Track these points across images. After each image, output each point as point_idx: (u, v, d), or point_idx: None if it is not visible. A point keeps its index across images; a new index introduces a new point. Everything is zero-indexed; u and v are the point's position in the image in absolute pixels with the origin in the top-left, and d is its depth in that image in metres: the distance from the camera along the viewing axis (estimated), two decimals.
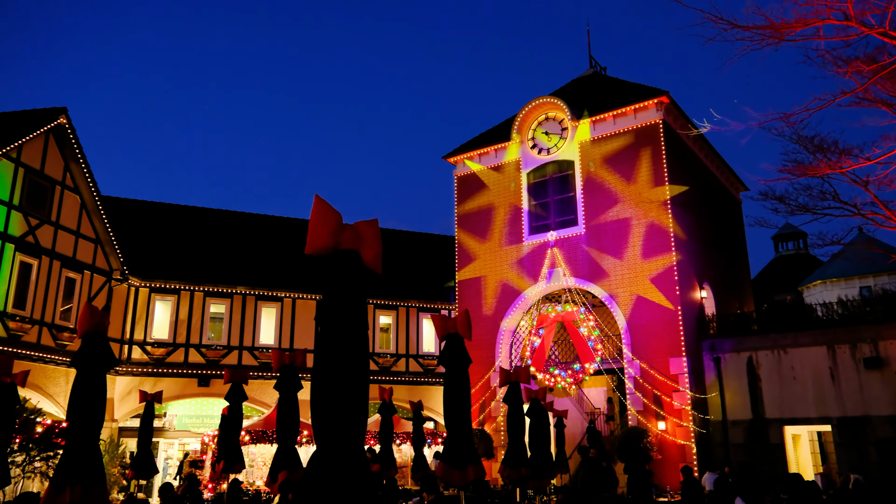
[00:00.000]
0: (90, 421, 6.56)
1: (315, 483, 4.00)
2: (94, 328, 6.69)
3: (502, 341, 23.06)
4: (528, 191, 23.66)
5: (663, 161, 20.90)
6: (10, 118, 20.76)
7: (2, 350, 17.30)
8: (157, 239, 25.04)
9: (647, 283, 20.40)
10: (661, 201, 20.65)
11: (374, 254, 4.52)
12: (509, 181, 24.02)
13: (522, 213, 23.47)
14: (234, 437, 12.57)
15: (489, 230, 24.03)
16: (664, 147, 21.01)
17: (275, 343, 24.52)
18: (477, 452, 7.83)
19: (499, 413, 22.46)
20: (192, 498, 13.57)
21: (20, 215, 18.90)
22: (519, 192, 23.71)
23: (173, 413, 23.53)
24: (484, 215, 24.29)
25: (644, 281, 20.48)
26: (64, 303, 20.48)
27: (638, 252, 20.77)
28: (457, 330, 7.98)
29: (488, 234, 24.02)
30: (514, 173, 23.96)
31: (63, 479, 6.15)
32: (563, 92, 25.06)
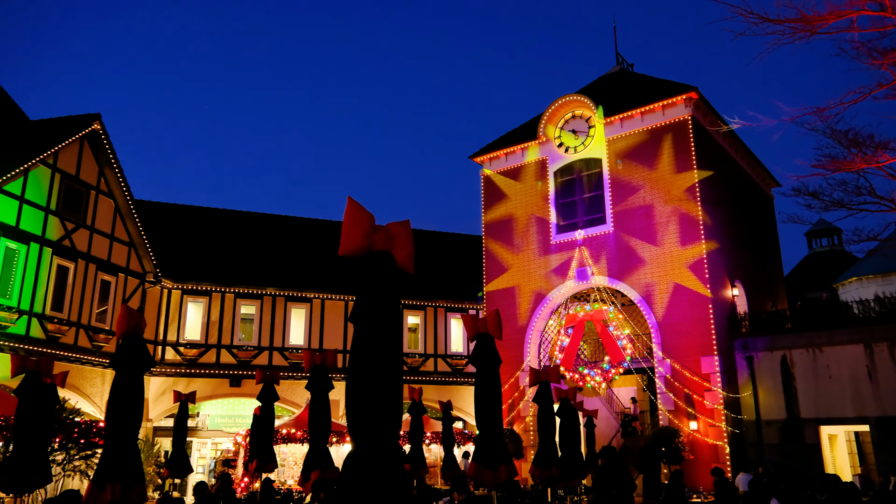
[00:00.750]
0: (128, 421, 6.70)
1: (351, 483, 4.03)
2: (131, 330, 6.83)
3: (531, 341, 22.99)
4: (555, 189, 23.55)
5: (692, 158, 20.65)
6: (45, 125, 21.27)
7: (41, 351, 17.72)
8: (189, 242, 25.43)
9: (677, 282, 20.18)
10: (691, 198, 20.41)
11: (406, 255, 4.54)
12: (536, 180, 23.94)
13: (550, 212, 23.37)
14: (267, 436, 12.72)
15: (516, 229, 23.97)
16: (693, 144, 20.77)
17: (304, 343, 24.75)
18: (508, 452, 7.82)
19: (528, 413, 22.40)
20: (225, 497, 13.77)
21: (57, 220, 19.35)
22: (546, 191, 23.62)
23: (206, 413, 23.89)
24: (511, 215, 24.24)
25: (674, 279, 20.26)
26: (99, 305, 20.92)
27: (668, 250, 20.55)
28: (487, 330, 7.97)
29: (515, 233, 23.96)
30: (541, 172, 23.87)
31: (104, 478, 6.30)
32: (590, 89, 24.90)
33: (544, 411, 11.15)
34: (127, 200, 21.61)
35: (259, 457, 12.46)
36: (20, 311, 17.81)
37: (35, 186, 18.65)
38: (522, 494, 14.54)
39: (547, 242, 23.20)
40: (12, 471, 8.17)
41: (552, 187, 23.57)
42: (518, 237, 23.88)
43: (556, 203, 23.44)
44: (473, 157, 25.63)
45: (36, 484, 8.33)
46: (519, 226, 23.95)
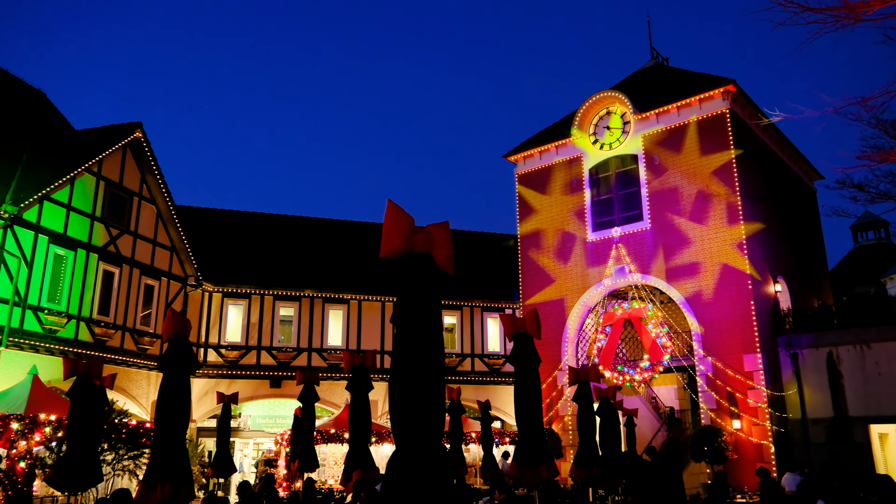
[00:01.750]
0: (176, 422, 6.87)
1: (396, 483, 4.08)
2: (177, 333, 6.99)
3: (568, 340, 22.86)
4: (590, 186, 23.37)
5: (731, 152, 20.29)
6: (89, 134, 21.87)
7: (89, 354, 18.23)
8: (229, 245, 25.89)
9: (718, 278, 19.84)
10: (731, 193, 20.05)
11: (445, 255, 4.57)
12: (571, 178, 23.78)
13: (585, 210, 23.20)
14: (308, 436, 12.89)
15: (551, 228, 23.85)
16: (732, 137, 20.40)
17: (342, 344, 24.99)
18: (549, 452, 7.80)
19: (566, 412, 22.28)
20: (268, 496, 13.99)
21: (102, 226, 19.89)
22: (581, 189, 23.44)
23: (247, 413, 24.30)
24: (546, 214, 24.13)
25: (714, 275, 19.93)
26: (143, 308, 21.43)
27: (708, 245, 20.22)
28: (526, 329, 7.96)
29: (550, 232, 23.84)
30: (576, 169, 23.70)
31: (154, 477, 6.47)
32: (625, 85, 24.64)
33: (584, 411, 11.08)
34: (168, 206, 22.10)
35: (301, 457, 12.63)
36: (69, 315, 18.35)
37: (81, 194, 19.20)
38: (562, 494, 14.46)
39: (583, 240, 23.03)
40: (68, 470, 8.44)
41: (587, 185, 23.39)
42: (553, 236, 23.76)
43: (592, 201, 23.26)
44: (507, 157, 25.58)
45: (90, 483, 8.59)
46: (554, 224, 23.82)
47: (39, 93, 24.14)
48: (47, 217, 18.00)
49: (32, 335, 17.23)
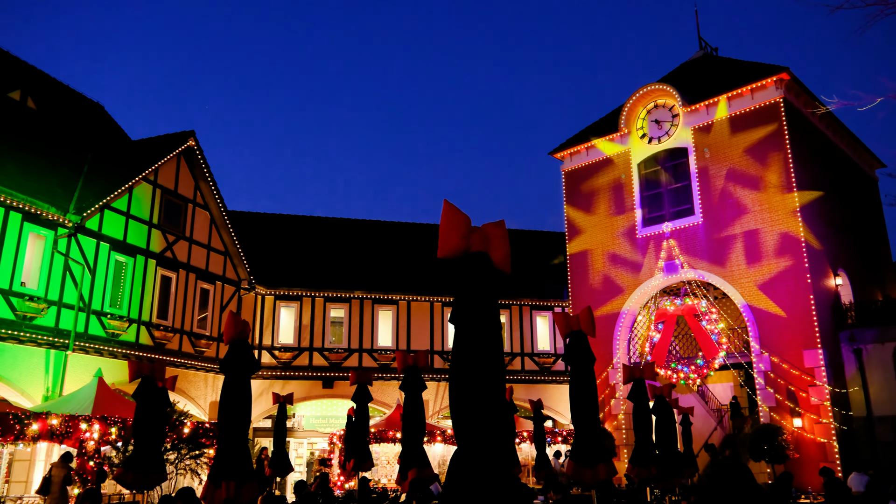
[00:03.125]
0: (238, 422, 7.04)
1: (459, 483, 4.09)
2: (237, 335, 7.17)
3: (619, 337, 22.56)
4: (639, 182, 23.02)
5: (786, 142, 19.71)
6: (145, 144, 22.59)
7: (150, 357, 18.83)
8: (280, 249, 26.40)
9: (775, 272, 19.30)
10: (786, 185, 19.48)
11: (502, 254, 4.57)
12: (619, 173, 23.46)
13: (634, 205, 22.86)
14: (362, 436, 13.04)
15: (599, 224, 23.57)
16: (786, 127, 19.81)
17: (392, 345, 25.21)
18: (607, 451, 7.72)
19: (619, 410, 22.00)
20: (324, 495, 14.20)
21: (159, 233, 20.50)
22: (630, 184, 23.11)
23: (301, 414, 24.71)
24: (594, 209, 23.86)
25: (771, 270, 19.39)
26: (200, 312, 22.01)
27: (763, 240, 19.69)
28: (580, 327, 7.90)
29: (599, 227, 23.57)
30: (624, 165, 23.38)
31: (218, 476, 6.65)
32: (673, 77, 24.18)
33: (639, 409, 10.93)
34: (221, 212, 22.64)
35: (356, 456, 12.78)
36: (130, 319, 18.98)
37: (139, 202, 19.83)
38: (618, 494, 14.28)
39: (633, 236, 22.70)
40: (135, 468, 8.73)
41: (636, 180, 23.04)
42: (602, 232, 23.48)
43: (641, 196, 22.90)
44: (553, 154, 25.38)
45: (155, 481, 8.88)
46: (602, 221, 23.54)
47: (97, 105, 25.04)
48: (108, 225, 18.65)
49: (97, 339, 17.88)
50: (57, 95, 22.78)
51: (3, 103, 19.59)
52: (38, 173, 17.76)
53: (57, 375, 16.67)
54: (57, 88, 23.11)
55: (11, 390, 15.70)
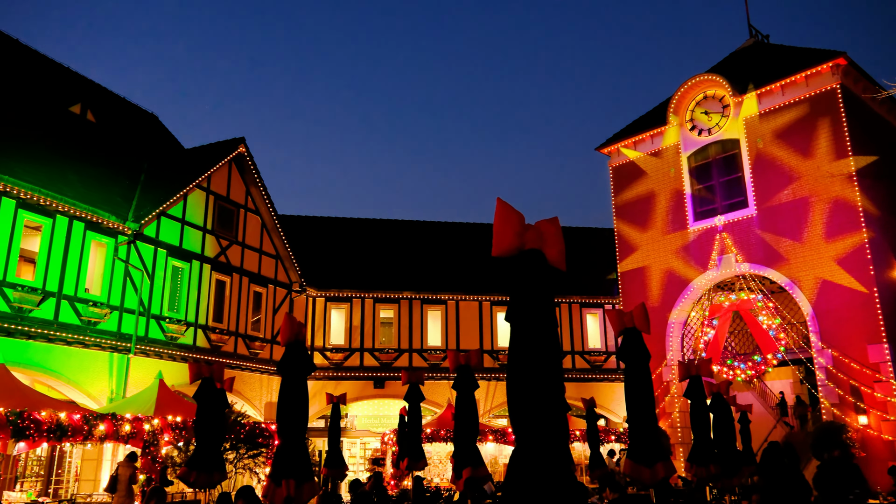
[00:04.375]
0: (297, 421, 7.18)
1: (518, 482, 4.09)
2: (294, 337, 7.30)
3: (672, 334, 22.14)
4: (689, 175, 22.55)
5: (844, 129, 19.03)
6: (198, 152, 23.23)
7: (207, 360, 19.34)
8: (329, 251, 26.80)
9: (834, 265, 18.66)
10: (845, 174, 18.81)
11: (557, 251, 4.54)
12: (668, 167, 23.03)
13: (685, 199, 22.40)
14: (416, 435, 13.12)
15: (650, 219, 23.18)
16: (844, 114, 19.12)
17: (441, 344, 25.31)
18: (665, 449, 7.59)
19: (673, 409, 21.60)
20: (378, 494, 14.35)
21: (213, 238, 21.05)
22: (680, 178, 22.66)
23: (353, 414, 25.02)
24: (643, 204, 23.48)
25: (830, 262, 18.75)
26: (253, 314, 22.52)
27: (821, 231, 19.06)
28: (634, 324, 7.78)
29: (649, 223, 23.18)
30: (674, 158, 22.93)
31: (279, 475, 6.80)
32: (722, 66, 23.60)
33: (697, 407, 10.70)
34: (272, 216, 23.11)
35: (410, 455, 12.87)
36: (187, 323, 19.54)
37: (193, 209, 20.40)
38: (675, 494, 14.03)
39: (684, 231, 22.24)
40: (198, 467, 8.99)
41: (686, 173, 22.58)
42: (652, 228, 23.08)
43: (692, 189, 22.43)
44: (600, 149, 25.07)
45: (217, 480, 9.13)
46: (652, 216, 23.15)
47: (152, 116, 25.84)
48: (165, 231, 19.24)
49: (156, 342, 18.46)
50: (114, 107, 23.61)
51: (65, 117, 20.41)
52: (98, 183, 18.44)
53: (120, 378, 17.28)
54: (114, 101, 23.95)
55: (79, 392, 16.35)
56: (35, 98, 19.77)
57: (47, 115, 19.65)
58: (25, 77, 20.19)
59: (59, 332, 15.85)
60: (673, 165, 22.89)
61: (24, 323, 15.12)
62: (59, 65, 22.22)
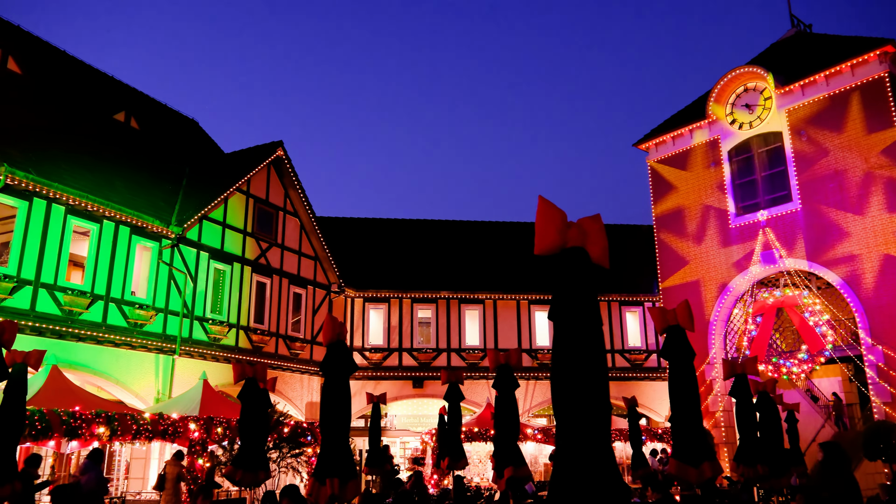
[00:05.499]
0: (340, 421, 7.24)
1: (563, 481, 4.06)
2: (336, 337, 7.37)
3: (714, 332, 21.74)
4: (730, 170, 22.12)
5: (893, 119, 18.44)
6: (237, 156, 23.62)
7: (250, 360, 19.65)
8: (367, 252, 26.99)
9: (883, 258, 18.10)
10: (894, 161, 18.22)
11: (600, 249, 4.50)
12: (708, 161, 22.62)
13: (726, 195, 21.98)
14: (456, 434, 13.13)
15: (690, 216, 22.80)
16: (893, 103, 18.54)
17: (480, 344, 25.28)
18: (712, 448, 7.46)
19: (717, 408, 21.20)
20: (419, 493, 14.40)
21: (253, 240, 21.38)
22: (720, 172, 22.24)
23: (392, 413, 25.16)
24: (683, 202, 23.11)
25: (880, 256, 18.20)
26: (293, 315, 22.81)
27: (871, 223, 18.51)
28: (678, 322, 7.66)
29: (689, 220, 22.80)
30: (714, 152, 22.52)
31: (323, 473, 6.87)
32: (763, 58, 23.08)
33: (742, 406, 10.48)
34: (310, 218, 23.38)
35: (450, 455, 12.89)
36: (229, 324, 19.88)
37: (234, 212, 20.76)
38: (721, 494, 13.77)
39: (725, 227, 21.83)
40: (243, 466, 9.14)
41: (727, 168, 22.16)
42: (693, 224, 22.70)
43: (733, 184, 22.00)
44: (638, 145, 24.75)
45: (263, 478, 9.27)
46: (693, 212, 22.76)
47: (192, 122, 26.37)
48: (207, 235, 19.62)
49: (200, 344, 18.84)
50: (156, 114, 24.17)
51: (110, 125, 20.98)
52: (143, 189, 18.90)
53: (166, 378, 17.68)
54: (156, 108, 24.51)
55: (127, 393, 16.77)
56: (82, 107, 20.35)
57: (93, 124, 20.21)
58: (72, 87, 20.79)
59: (107, 333, 16.29)
60: (713, 160, 22.48)
61: (74, 325, 15.58)
62: (103, 74, 22.85)
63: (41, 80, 19.51)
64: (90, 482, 10.77)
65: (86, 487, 10.55)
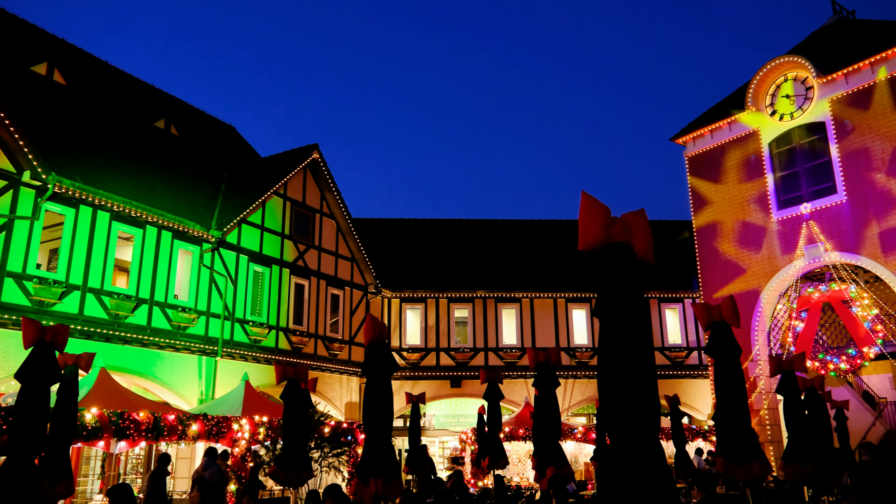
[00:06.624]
0: (382, 421, 7.27)
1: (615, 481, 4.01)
2: (377, 337, 7.40)
3: (758, 328, 21.26)
4: (771, 162, 21.60)
5: None
6: (274, 160, 23.94)
7: (290, 361, 19.90)
8: (403, 252, 27.11)
9: None
10: None
11: (645, 244, 4.43)
12: (748, 154, 22.14)
13: (767, 188, 21.48)
14: (495, 434, 13.08)
15: (730, 210, 22.34)
16: None
17: (517, 343, 25.19)
18: (759, 446, 7.30)
19: (761, 405, 20.74)
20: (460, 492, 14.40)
21: (291, 243, 21.64)
22: (761, 165, 21.74)
23: (431, 413, 25.21)
24: (721, 194, 22.66)
25: None
26: (331, 317, 23.02)
27: None
28: (722, 318, 7.51)
29: (728, 213, 22.34)
30: (754, 145, 22.03)
31: (367, 473, 6.91)
32: (804, 47, 22.51)
33: (790, 403, 10.22)
34: (346, 220, 23.56)
35: (490, 454, 12.85)
36: (269, 326, 20.15)
37: (271, 215, 21.04)
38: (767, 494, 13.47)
39: (767, 220, 21.33)
40: (287, 466, 9.25)
41: (767, 160, 21.64)
42: (733, 219, 22.24)
43: (774, 177, 21.48)
44: (674, 139, 24.34)
45: (306, 478, 9.36)
46: (733, 206, 22.30)
47: (230, 127, 26.80)
48: (246, 238, 19.92)
49: (241, 345, 19.13)
50: (195, 121, 24.63)
51: (151, 133, 21.44)
52: (183, 194, 19.27)
53: (209, 380, 18.00)
54: (194, 114, 24.98)
55: (171, 394, 17.12)
56: (123, 116, 20.85)
57: (135, 132, 20.68)
58: (114, 96, 21.31)
59: (151, 336, 16.65)
60: (753, 153, 22.00)
61: (120, 329, 15.97)
62: (143, 83, 23.37)
63: (85, 90, 20.04)
64: (213, 475, 12.15)
65: (209, 480, 12.00)
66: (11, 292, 13.97)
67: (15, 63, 17.67)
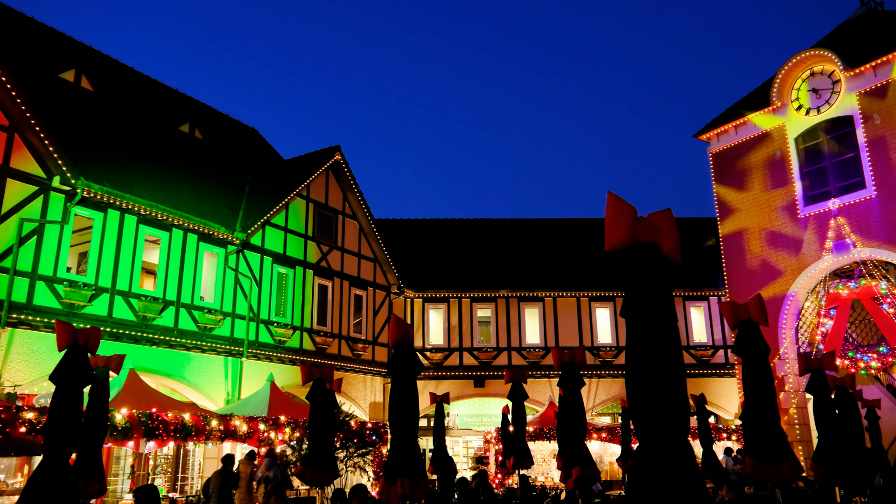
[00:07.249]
0: (408, 421, 7.30)
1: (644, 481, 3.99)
2: (401, 338, 7.43)
3: (785, 326, 20.97)
4: (797, 158, 21.29)
5: None
6: (297, 162, 24.12)
7: (314, 362, 20.03)
8: (425, 253, 27.16)
9: None
10: None
11: (672, 243, 4.40)
12: (774, 150, 21.84)
13: (794, 183, 21.17)
14: (520, 434, 13.05)
15: (755, 206, 22.05)
16: None
17: (540, 342, 25.10)
18: (790, 447, 7.20)
19: (789, 404, 20.45)
20: (484, 492, 14.39)
21: (314, 244, 21.79)
22: (787, 161, 21.44)
23: (455, 413, 25.23)
24: (747, 190, 22.38)
25: None
26: (354, 317, 23.13)
27: None
28: (750, 316, 7.42)
29: (754, 209, 22.06)
30: (779, 140, 21.72)
31: (393, 473, 6.94)
32: (830, 40, 22.15)
33: (821, 402, 10.06)
34: (369, 221, 23.67)
35: (515, 454, 12.83)
36: (293, 327, 20.31)
37: (294, 217, 21.20)
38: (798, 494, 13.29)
39: (794, 216, 21.03)
40: (313, 466, 9.33)
41: (794, 156, 21.33)
42: (757, 215, 21.95)
43: (801, 172, 21.16)
44: (698, 136, 24.09)
45: (332, 478, 9.43)
46: (758, 203, 22.01)
47: (252, 130, 27.06)
48: (269, 240, 20.10)
49: (266, 346, 19.31)
50: (218, 124, 24.90)
51: (176, 136, 21.73)
52: (208, 197, 19.50)
53: (235, 380, 18.19)
54: (217, 118, 25.26)
55: (199, 395, 17.33)
56: (149, 120, 21.15)
57: (160, 136, 20.97)
58: (139, 101, 21.63)
59: (178, 338, 16.87)
60: (779, 148, 21.70)
61: (148, 330, 16.21)
62: (167, 87, 23.68)
63: (111, 95, 20.36)
64: (276, 475, 13.06)
65: (273, 480, 12.74)
66: (43, 295, 14.25)
67: (44, 71, 18.02)
